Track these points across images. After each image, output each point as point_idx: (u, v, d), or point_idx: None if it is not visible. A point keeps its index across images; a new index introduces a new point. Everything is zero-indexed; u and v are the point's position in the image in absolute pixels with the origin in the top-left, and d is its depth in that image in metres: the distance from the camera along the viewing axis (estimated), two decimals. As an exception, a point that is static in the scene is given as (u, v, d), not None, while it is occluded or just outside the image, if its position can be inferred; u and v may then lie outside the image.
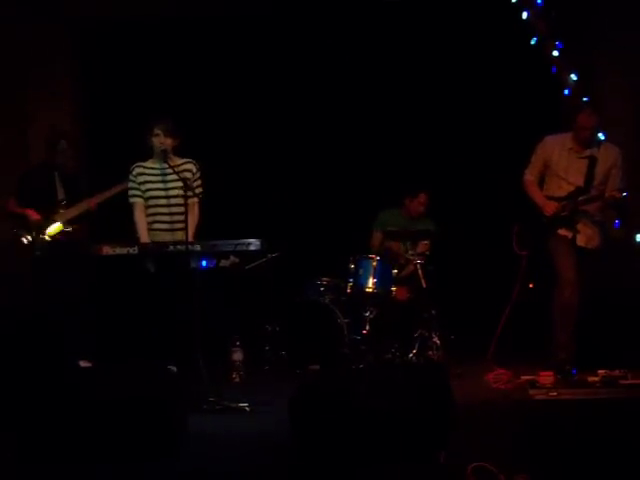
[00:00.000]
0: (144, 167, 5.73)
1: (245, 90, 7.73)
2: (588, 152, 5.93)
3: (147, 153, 5.74)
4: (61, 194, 6.56)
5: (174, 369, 5.11)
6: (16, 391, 4.12)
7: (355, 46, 7.63)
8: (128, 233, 5.74)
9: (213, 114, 7.69)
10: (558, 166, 6.00)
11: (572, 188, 5.93)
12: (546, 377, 5.36)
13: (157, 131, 5.62)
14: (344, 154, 7.76)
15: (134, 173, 5.72)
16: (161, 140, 5.61)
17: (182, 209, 5.50)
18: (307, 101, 7.79)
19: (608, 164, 5.91)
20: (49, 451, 3.95)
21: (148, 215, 5.70)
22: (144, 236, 5.63)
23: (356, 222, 7.31)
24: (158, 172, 5.70)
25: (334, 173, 7.76)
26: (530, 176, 6.15)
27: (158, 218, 5.70)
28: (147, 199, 5.70)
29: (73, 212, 6.49)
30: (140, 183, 5.70)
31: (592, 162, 5.89)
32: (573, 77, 6.89)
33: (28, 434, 4.00)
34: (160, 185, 5.70)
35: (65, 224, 6.40)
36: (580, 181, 5.92)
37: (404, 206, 7.11)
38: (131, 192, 5.74)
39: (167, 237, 5.65)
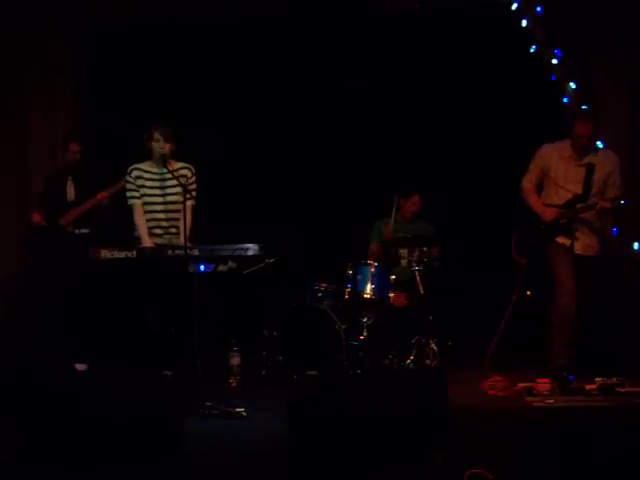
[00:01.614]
0: (141, 170, 5.73)
1: (245, 95, 7.73)
2: (586, 159, 5.95)
3: (146, 155, 5.75)
4: (71, 196, 6.65)
5: (169, 374, 5.12)
6: (15, 392, 4.12)
7: (353, 54, 7.64)
8: (127, 236, 5.75)
9: (213, 118, 7.69)
10: (556, 174, 6.01)
11: (570, 196, 5.94)
12: (543, 384, 5.37)
13: (157, 136, 5.62)
14: (343, 159, 7.75)
15: (132, 175, 5.71)
16: (161, 145, 5.61)
17: (178, 214, 5.51)
18: (305, 106, 7.79)
19: (606, 171, 5.92)
20: (46, 453, 3.95)
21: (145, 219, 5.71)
22: (146, 239, 5.63)
23: (355, 228, 7.32)
24: (156, 176, 5.70)
25: (333, 178, 7.76)
26: (528, 184, 6.16)
27: (155, 223, 5.70)
28: (144, 203, 5.70)
29: (72, 215, 6.57)
30: (139, 186, 5.70)
31: (590, 169, 5.91)
32: (572, 85, 6.91)
33: (26, 435, 3.99)
34: (157, 191, 5.70)
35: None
36: (578, 189, 5.93)
37: (400, 208, 7.13)
38: (129, 194, 5.73)
39: (164, 241, 5.66)
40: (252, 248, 5.28)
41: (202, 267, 5.50)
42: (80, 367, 5.99)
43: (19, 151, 7.40)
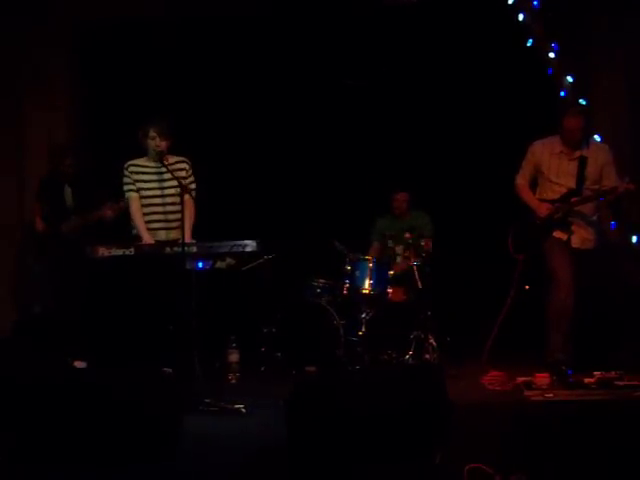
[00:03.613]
0: (138, 165, 5.73)
1: (242, 91, 7.73)
2: (578, 153, 5.94)
3: (143, 153, 5.74)
4: (69, 201, 6.65)
5: (169, 371, 5.12)
6: (14, 392, 4.11)
7: (352, 52, 7.63)
8: (124, 232, 5.75)
9: (210, 115, 7.68)
10: (549, 170, 6.01)
11: (564, 190, 5.94)
12: (542, 378, 5.37)
13: (153, 133, 5.61)
14: (340, 155, 7.75)
15: (129, 170, 5.72)
16: (157, 143, 5.61)
17: (176, 207, 5.50)
18: (303, 102, 7.79)
19: (599, 163, 5.92)
20: (44, 452, 3.95)
21: (143, 214, 5.70)
22: (144, 231, 5.63)
23: (352, 223, 7.32)
24: (153, 171, 5.70)
25: (331, 174, 7.76)
26: (521, 180, 6.17)
27: (153, 217, 5.71)
28: (141, 198, 5.70)
29: (75, 225, 6.59)
30: (136, 180, 5.70)
31: (582, 163, 5.90)
32: (569, 79, 6.90)
33: (24, 435, 3.99)
34: (155, 184, 5.70)
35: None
36: (572, 183, 5.93)
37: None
38: (126, 187, 5.74)
39: (162, 235, 5.66)
40: (250, 244, 5.27)
41: (200, 264, 5.49)
42: (79, 365, 6.00)
43: (17, 152, 7.39)
